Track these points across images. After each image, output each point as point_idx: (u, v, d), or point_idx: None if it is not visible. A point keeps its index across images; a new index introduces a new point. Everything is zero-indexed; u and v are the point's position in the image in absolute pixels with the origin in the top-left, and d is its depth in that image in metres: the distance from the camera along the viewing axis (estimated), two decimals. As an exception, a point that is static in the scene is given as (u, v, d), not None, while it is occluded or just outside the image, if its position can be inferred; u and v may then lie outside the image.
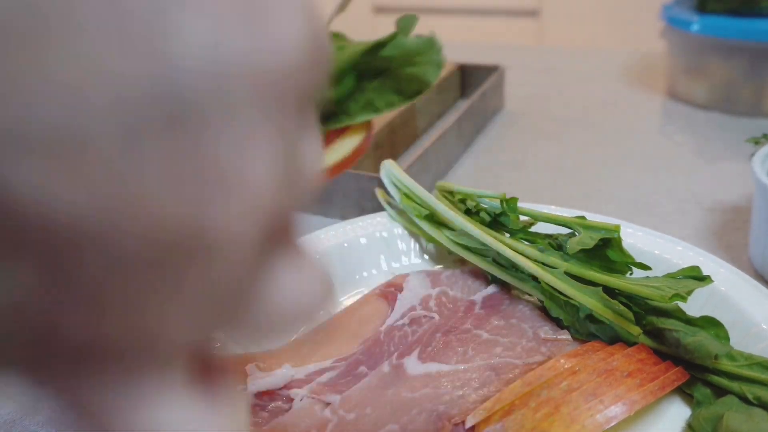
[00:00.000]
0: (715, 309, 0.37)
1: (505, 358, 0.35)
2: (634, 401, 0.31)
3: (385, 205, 0.50)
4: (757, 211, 0.45)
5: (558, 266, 0.38)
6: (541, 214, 0.42)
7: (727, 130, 0.73)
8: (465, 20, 2.00)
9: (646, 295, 0.35)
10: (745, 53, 0.74)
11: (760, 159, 0.45)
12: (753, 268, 0.47)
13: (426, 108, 0.76)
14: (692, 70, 0.81)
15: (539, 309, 0.39)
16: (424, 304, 0.41)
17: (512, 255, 0.39)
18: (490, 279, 0.42)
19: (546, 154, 0.70)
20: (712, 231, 0.52)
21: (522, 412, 0.31)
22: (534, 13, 1.92)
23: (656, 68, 0.98)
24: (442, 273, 0.44)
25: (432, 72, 0.49)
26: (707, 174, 0.63)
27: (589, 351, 0.35)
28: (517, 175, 0.65)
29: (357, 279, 0.46)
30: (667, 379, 0.33)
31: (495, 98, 0.81)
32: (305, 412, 0.33)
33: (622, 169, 0.65)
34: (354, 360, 0.37)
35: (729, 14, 0.76)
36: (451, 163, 0.66)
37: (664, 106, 0.84)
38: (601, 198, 0.59)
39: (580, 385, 0.32)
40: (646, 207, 0.57)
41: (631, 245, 0.41)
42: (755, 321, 0.35)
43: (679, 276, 0.37)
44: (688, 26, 0.77)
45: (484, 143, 0.73)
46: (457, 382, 0.34)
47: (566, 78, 0.97)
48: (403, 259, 0.48)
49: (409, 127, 0.72)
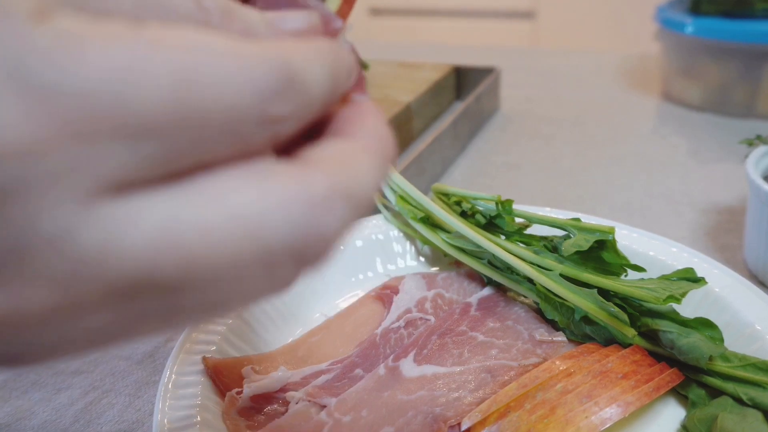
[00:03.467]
0: (709, 310, 0.37)
1: (501, 360, 0.35)
2: (629, 403, 0.31)
3: (380, 208, 0.50)
4: (751, 213, 0.45)
5: (553, 268, 0.38)
6: (536, 216, 0.42)
7: (721, 132, 0.74)
8: (460, 22, 2.00)
9: (641, 296, 0.35)
10: (739, 55, 0.75)
11: (754, 160, 0.45)
12: (747, 269, 0.47)
13: (421, 110, 0.76)
14: (686, 72, 0.81)
15: (535, 311, 0.39)
16: (420, 306, 0.41)
17: (507, 257, 0.39)
18: (485, 281, 0.43)
19: (541, 156, 0.70)
20: (706, 232, 0.53)
21: (517, 414, 0.31)
22: (529, 15, 1.93)
23: (650, 70, 0.98)
24: (437, 275, 0.44)
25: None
26: (701, 175, 0.63)
27: (584, 353, 0.35)
28: (512, 177, 0.65)
29: (353, 281, 0.46)
30: (661, 381, 0.33)
31: (490, 100, 0.81)
32: (301, 415, 0.33)
33: (616, 170, 0.65)
34: (350, 362, 0.37)
35: (723, 16, 0.76)
36: (446, 165, 0.67)
37: (659, 108, 0.84)
38: (596, 199, 0.59)
39: (575, 386, 0.32)
40: (641, 208, 0.57)
41: (625, 247, 0.41)
42: (749, 322, 0.36)
43: (674, 278, 0.37)
44: (682, 28, 0.78)
45: (480, 145, 0.73)
46: (452, 385, 0.34)
47: (561, 80, 0.97)
48: (399, 262, 0.48)
49: (404, 129, 0.72)
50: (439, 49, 1.22)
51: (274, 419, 0.33)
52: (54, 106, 0.11)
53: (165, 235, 0.12)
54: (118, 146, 0.11)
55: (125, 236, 0.11)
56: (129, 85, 0.11)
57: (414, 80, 0.80)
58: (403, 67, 0.87)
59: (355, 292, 0.45)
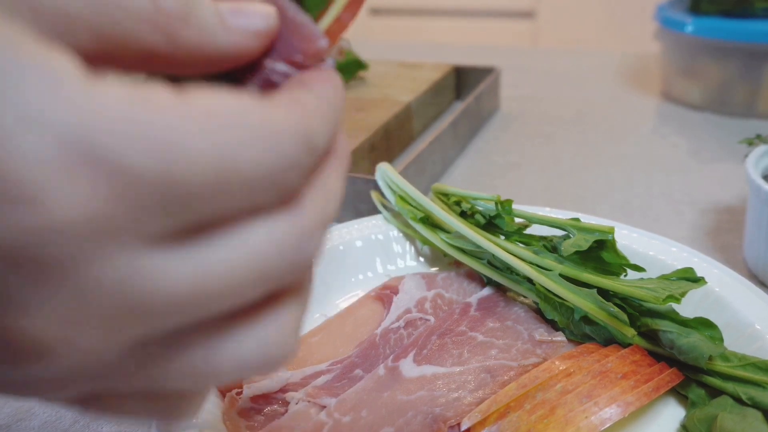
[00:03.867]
0: (709, 310, 0.37)
1: (501, 360, 0.35)
2: (629, 403, 0.31)
3: (380, 208, 0.50)
4: (751, 212, 0.45)
5: (553, 268, 0.38)
6: (535, 216, 0.42)
7: (721, 131, 0.74)
8: (460, 22, 2.00)
9: (641, 296, 0.35)
10: (739, 54, 0.75)
11: (754, 160, 0.45)
12: (747, 268, 0.47)
13: (421, 110, 0.76)
14: (686, 72, 0.81)
15: (534, 311, 0.39)
16: (420, 306, 0.41)
17: (507, 257, 0.39)
18: (485, 281, 0.43)
19: (541, 156, 0.70)
20: (706, 232, 0.53)
21: (517, 414, 0.31)
22: (529, 14, 1.93)
23: (650, 69, 0.98)
24: (437, 275, 0.44)
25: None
26: (701, 175, 0.63)
27: (583, 353, 0.35)
28: (512, 177, 0.65)
29: (352, 282, 0.46)
30: (661, 381, 0.33)
31: (490, 100, 0.81)
32: (301, 416, 0.33)
33: (616, 170, 0.65)
34: (349, 363, 0.37)
35: (722, 15, 0.76)
36: (446, 165, 0.67)
37: (659, 108, 0.84)
38: (596, 199, 0.59)
39: (575, 386, 0.32)
40: (641, 208, 0.57)
41: (625, 246, 0.42)
42: (749, 322, 0.36)
43: (674, 277, 0.37)
44: (682, 27, 0.78)
45: (480, 145, 0.73)
46: (452, 385, 0.34)
47: (561, 80, 0.97)
48: (399, 262, 0.48)
49: (404, 129, 0.72)
50: (439, 48, 1.22)
51: (274, 420, 0.33)
52: (116, 181, 0.12)
53: (198, 279, 0.13)
54: (163, 212, 0.12)
55: (166, 282, 0.13)
56: (179, 163, 0.12)
57: (414, 80, 0.80)
58: (403, 67, 0.87)
59: (355, 293, 0.45)
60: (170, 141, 0.12)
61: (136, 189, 0.12)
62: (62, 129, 0.11)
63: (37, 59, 0.11)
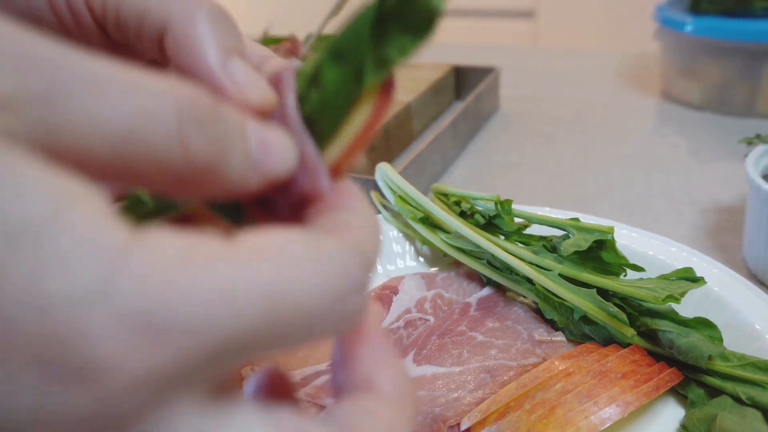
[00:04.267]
0: (708, 310, 0.37)
1: (500, 360, 0.35)
2: (629, 402, 0.31)
3: (380, 208, 0.50)
4: (751, 212, 0.45)
5: (552, 268, 0.38)
6: (535, 216, 0.42)
7: (721, 131, 0.74)
8: (460, 22, 2.00)
9: (640, 296, 0.35)
10: (739, 54, 0.75)
11: (753, 159, 0.45)
12: (747, 268, 0.47)
13: (421, 110, 0.76)
14: (686, 71, 0.81)
15: (534, 311, 0.39)
16: (420, 306, 0.41)
17: (507, 257, 0.39)
18: (485, 281, 0.43)
19: (541, 156, 0.70)
20: (706, 231, 0.53)
21: (517, 414, 0.31)
22: (529, 14, 1.93)
23: (650, 69, 0.98)
24: (437, 275, 0.44)
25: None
26: (701, 174, 0.63)
27: (583, 353, 0.35)
28: (512, 177, 0.65)
29: (352, 282, 0.46)
30: (661, 380, 0.33)
31: (490, 100, 0.81)
32: (301, 416, 0.33)
33: (616, 170, 0.65)
34: (349, 363, 0.37)
35: (722, 15, 0.76)
36: (446, 165, 0.67)
37: (658, 107, 0.84)
38: (596, 199, 0.59)
39: (574, 386, 0.32)
40: (640, 208, 0.57)
41: (625, 246, 0.41)
42: (749, 322, 0.36)
43: (673, 277, 0.37)
44: (682, 27, 0.78)
45: (480, 145, 0.73)
46: (452, 385, 0.34)
47: (561, 79, 0.97)
48: (399, 262, 0.48)
49: (404, 129, 0.72)
50: (439, 48, 1.22)
51: (274, 420, 0.33)
52: (166, 340, 0.12)
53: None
54: (210, 362, 0.12)
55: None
56: (228, 316, 0.12)
57: (414, 80, 0.80)
58: (402, 66, 0.86)
59: (355, 293, 0.45)
60: (221, 294, 0.12)
61: (181, 344, 0.12)
62: (122, 302, 0.11)
63: (90, 230, 0.11)
